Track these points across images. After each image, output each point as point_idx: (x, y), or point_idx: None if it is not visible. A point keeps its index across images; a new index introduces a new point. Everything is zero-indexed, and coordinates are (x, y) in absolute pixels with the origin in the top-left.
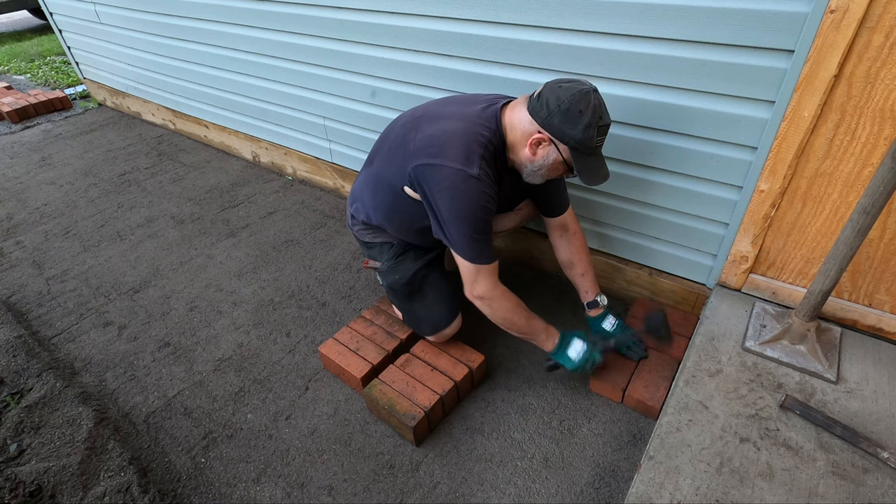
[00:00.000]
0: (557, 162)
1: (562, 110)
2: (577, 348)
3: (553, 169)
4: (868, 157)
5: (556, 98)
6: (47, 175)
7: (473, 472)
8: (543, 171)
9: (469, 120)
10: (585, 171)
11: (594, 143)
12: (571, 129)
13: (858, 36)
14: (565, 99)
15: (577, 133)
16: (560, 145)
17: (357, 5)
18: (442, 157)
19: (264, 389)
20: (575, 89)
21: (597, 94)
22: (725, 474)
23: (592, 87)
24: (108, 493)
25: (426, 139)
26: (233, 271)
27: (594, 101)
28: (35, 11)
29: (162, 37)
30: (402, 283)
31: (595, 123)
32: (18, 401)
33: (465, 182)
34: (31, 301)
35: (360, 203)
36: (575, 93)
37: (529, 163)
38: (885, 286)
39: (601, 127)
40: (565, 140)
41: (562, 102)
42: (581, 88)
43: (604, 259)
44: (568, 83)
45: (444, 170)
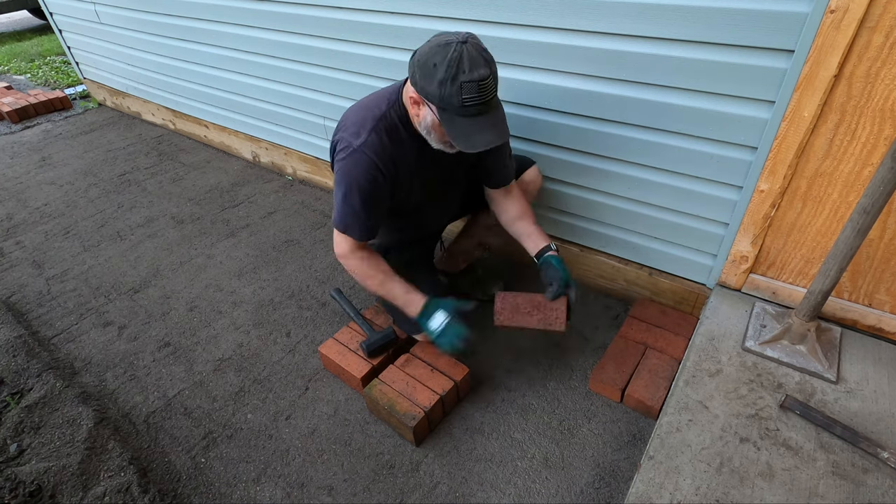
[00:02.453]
0: (436, 124)
1: (419, 64)
2: (438, 319)
3: (439, 132)
4: (868, 157)
5: (416, 52)
6: (47, 175)
7: (473, 472)
8: (434, 135)
9: (372, 97)
10: (456, 135)
11: (457, 102)
12: (428, 85)
13: (858, 36)
14: (424, 51)
15: (434, 89)
16: (431, 105)
17: (357, 5)
18: (340, 132)
19: (264, 389)
20: (435, 40)
21: (463, 46)
22: (725, 474)
23: (460, 38)
24: (108, 493)
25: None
26: (233, 271)
27: (454, 52)
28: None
29: (162, 37)
30: None
31: (451, 78)
32: (18, 401)
33: (350, 153)
34: (31, 301)
35: None
36: (434, 45)
37: (419, 126)
38: (885, 286)
39: (466, 83)
40: (429, 98)
41: (421, 55)
42: (443, 39)
43: (604, 259)
44: (439, 35)
45: (340, 142)
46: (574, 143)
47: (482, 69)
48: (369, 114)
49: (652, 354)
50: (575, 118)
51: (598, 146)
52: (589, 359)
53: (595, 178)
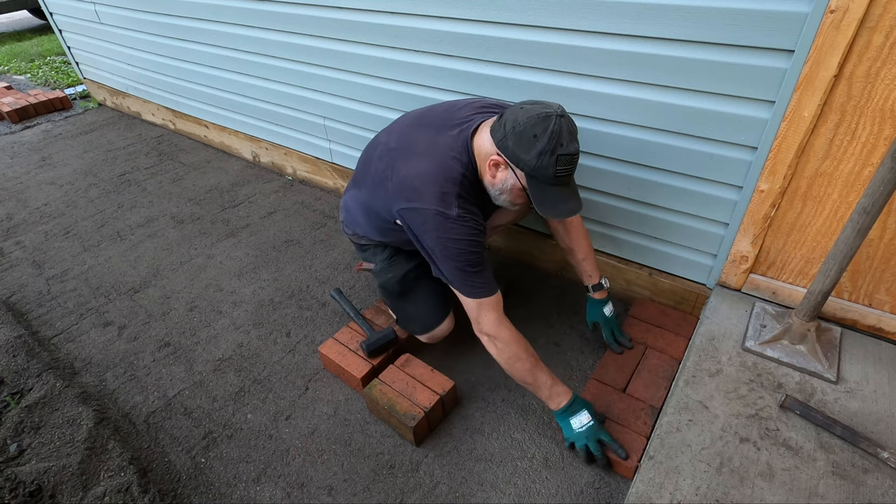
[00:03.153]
0: (516, 188)
1: (516, 132)
2: (582, 420)
3: (514, 195)
4: (868, 157)
5: (513, 119)
6: (47, 175)
7: (473, 472)
8: (506, 197)
9: (440, 155)
10: (542, 202)
11: (551, 173)
12: (525, 154)
13: (858, 36)
14: (522, 121)
15: (531, 159)
16: (517, 170)
17: (357, 5)
18: (419, 201)
19: (264, 389)
20: (534, 112)
21: (561, 120)
22: (725, 474)
23: (557, 112)
24: (108, 493)
25: (401, 182)
26: (233, 271)
27: (554, 126)
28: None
29: (162, 37)
30: (394, 283)
31: (551, 150)
32: (18, 401)
33: (446, 223)
34: (31, 301)
35: (353, 220)
36: (533, 115)
37: (491, 186)
38: (885, 286)
39: (562, 156)
40: (520, 165)
41: (517, 124)
42: (541, 111)
43: (604, 259)
44: (532, 104)
45: (424, 213)
46: None
47: (575, 143)
48: (445, 180)
49: (652, 354)
50: (575, 118)
51: (597, 146)
52: (589, 359)
53: (595, 178)
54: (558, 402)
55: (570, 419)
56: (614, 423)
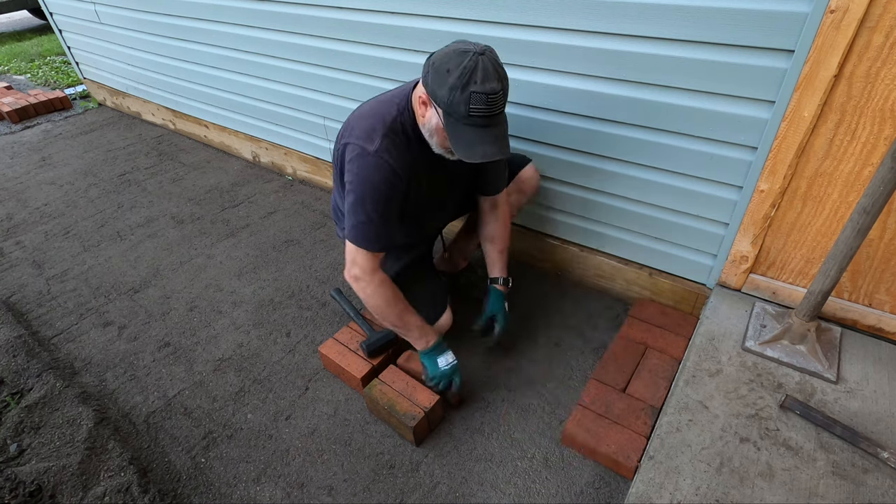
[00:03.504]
0: (439, 127)
1: (434, 67)
2: (447, 359)
3: (440, 136)
4: (868, 156)
5: (434, 56)
6: (47, 175)
7: (473, 472)
8: (435, 139)
9: (380, 101)
10: (456, 141)
11: (464, 110)
12: (439, 89)
13: (858, 36)
14: (441, 55)
15: (444, 94)
16: (438, 109)
17: (357, 5)
18: (350, 136)
19: (264, 389)
20: (454, 47)
21: (480, 57)
22: (725, 474)
23: (480, 49)
24: (108, 493)
25: (345, 124)
26: (233, 271)
27: (469, 62)
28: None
29: (162, 37)
30: None
31: (461, 86)
32: (18, 401)
33: (364, 157)
34: (31, 301)
35: (338, 212)
36: (451, 50)
37: (423, 128)
38: (885, 286)
39: (475, 93)
40: (437, 101)
41: (437, 59)
42: (462, 48)
43: (604, 259)
44: (458, 42)
45: (351, 147)
46: (574, 143)
47: (493, 83)
48: (379, 118)
49: (652, 354)
50: (575, 118)
51: (598, 146)
52: (589, 359)
53: (595, 178)
54: (427, 342)
55: (436, 357)
56: (614, 422)
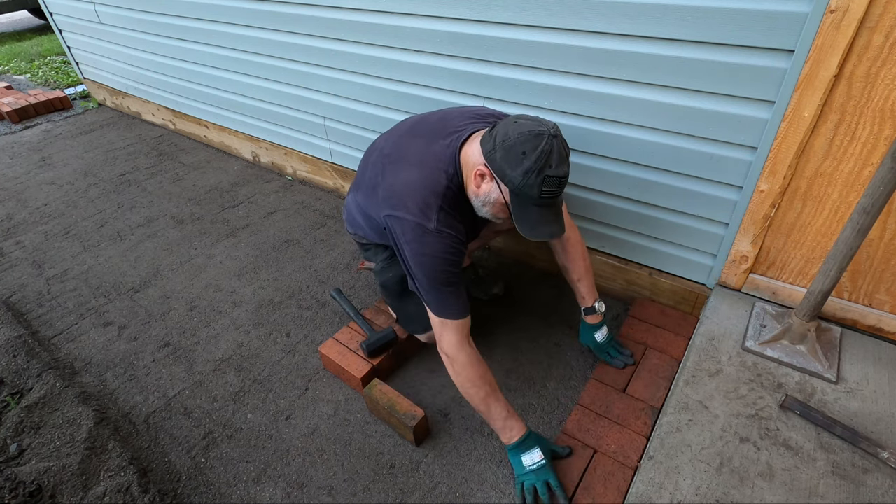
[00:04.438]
0: (499, 202)
1: (505, 147)
2: (533, 458)
3: (497, 208)
4: (868, 156)
5: (504, 132)
6: (47, 175)
7: (473, 472)
8: (489, 209)
9: (428, 166)
10: (522, 221)
11: (536, 193)
12: (511, 170)
13: (858, 36)
14: (513, 136)
15: (517, 176)
16: (501, 185)
17: (357, 5)
18: (401, 210)
19: (264, 389)
20: (527, 128)
21: (554, 140)
22: (725, 474)
23: (551, 131)
24: (108, 493)
25: (388, 189)
26: (233, 271)
27: (545, 145)
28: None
29: (162, 37)
30: (394, 282)
31: (537, 170)
32: (18, 401)
33: (425, 236)
34: (31, 301)
35: (354, 222)
36: (525, 132)
37: (475, 197)
38: (885, 286)
39: (549, 177)
40: (505, 181)
41: (508, 138)
42: (534, 128)
43: (604, 259)
44: (526, 120)
45: (405, 222)
46: (574, 144)
47: (565, 166)
48: (431, 192)
49: (652, 354)
50: (575, 118)
51: (597, 146)
52: (589, 359)
53: (595, 178)
54: (510, 437)
55: (521, 456)
56: (614, 423)
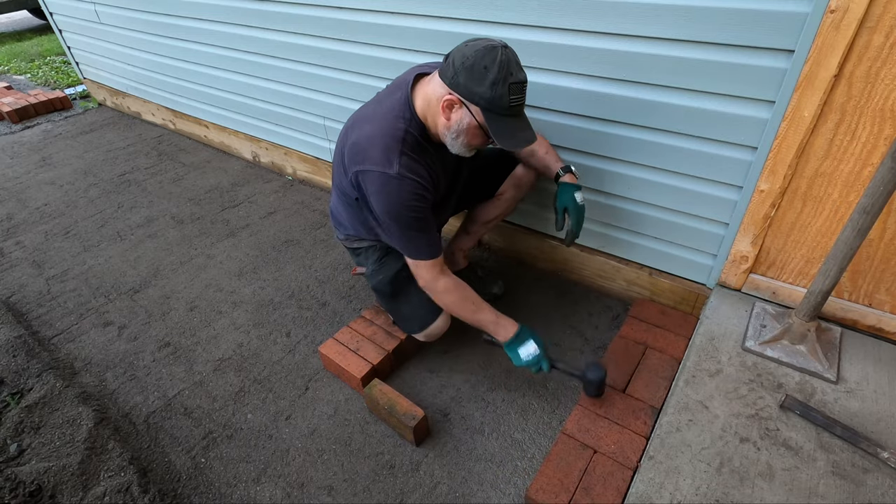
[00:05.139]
0: (473, 126)
1: (466, 67)
2: (529, 350)
3: (471, 135)
4: (868, 156)
5: (461, 55)
6: (47, 175)
7: (473, 472)
8: (463, 139)
9: (383, 116)
10: (501, 134)
11: (507, 102)
12: (478, 87)
13: (858, 36)
14: (469, 55)
15: (485, 90)
16: (471, 106)
17: (357, 5)
18: (365, 162)
19: (264, 389)
20: (480, 45)
21: (506, 50)
22: (725, 474)
23: (501, 43)
24: (108, 493)
25: (351, 147)
26: (233, 271)
27: (502, 56)
28: (35, 11)
29: (162, 37)
30: (385, 283)
31: (502, 79)
32: (18, 401)
33: (388, 183)
34: (31, 301)
35: (339, 220)
36: (479, 48)
37: (446, 130)
38: (885, 286)
39: (514, 84)
40: (475, 100)
41: (466, 59)
42: (486, 44)
43: (604, 259)
44: (475, 41)
45: (370, 174)
46: (574, 143)
47: (523, 72)
48: (389, 138)
49: (652, 354)
50: (575, 118)
51: (598, 146)
52: (589, 359)
53: (595, 178)
54: (505, 335)
55: (517, 349)
56: (614, 423)
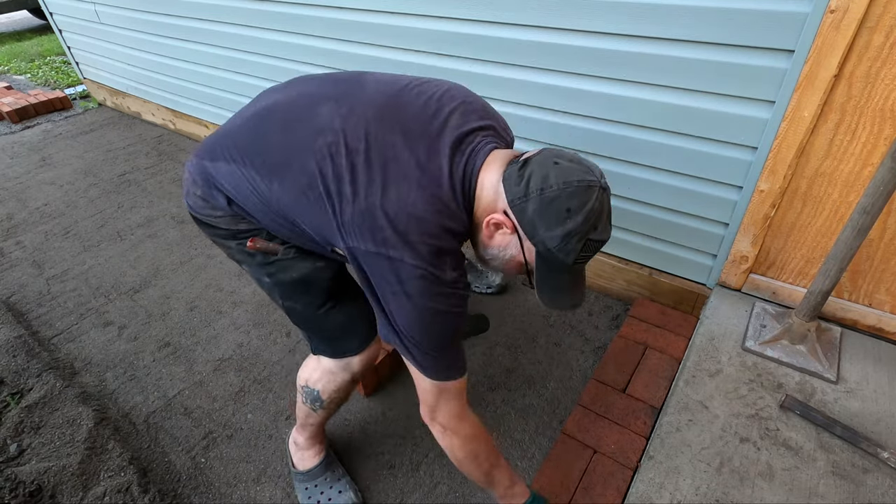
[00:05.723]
0: (516, 262)
1: (544, 198)
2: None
3: (509, 266)
4: (868, 156)
5: (542, 176)
6: (47, 175)
7: None
8: (498, 264)
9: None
10: (544, 287)
11: (571, 260)
12: (546, 230)
13: (858, 36)
14: (556, 185)
15: (552, 238)
16: (525, 241)
17: (357, 5)
18: (399, 250)
19: (264, 389)
20: (574, 176)
21: (603, 195)
22: (725, 474)
23: (602, 184)
24: (108, 493)
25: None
26: (233, 271)
27: (595, 203)
28: (35, 11)
29: (162, 37)
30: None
31: (581, 234)
32: (18, 401)
33: (437, 287)
34: (31, 301)
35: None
36: (573, 182)
37: (483, 248)
38: (885, 286)
39: (592, 242)
40: (534, 240)
41: (548, 187)
42: (583, 179)
43: (604, 259)
44: (570, 162)
45: (405, 268)
46: (573, 144)
47: (610, 229)
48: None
49: (652, 354)
50: (575, 118)
51: (597, 146)
52: (589, 359)
53: None
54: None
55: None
56: (614, 423)
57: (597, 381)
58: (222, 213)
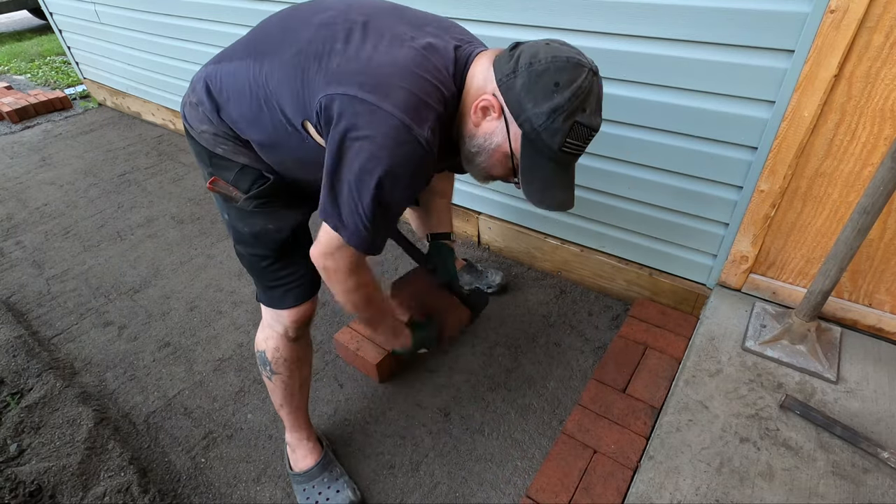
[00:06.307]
0: (501, 151)
1: (531, 71)
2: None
3: (494, 160)
4: (868, 156)
5: (531, 54)
6: (47, 175)
7: (473, 473)
8: (482, 159)
9: (436, 54)
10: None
11: (557, 143)
12: (533, 104)
13: (858, 36)
14: (543, 59)
15: (539, 113)
16: (512, 125)
17: None
18: (380, 95)
19: (264, 389)
20: (563, 53)
21: (594, 78)
22: (725, 474)
23: (592, 67)
24: (108, 493)
25: (363, 62)
26: (233, 271)
27: (584, 81)
28: (35, 11)
29: (162, 37)
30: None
31: (569, 111)
32: (18, 401)
33: (407, 142)
34: (31, 301)
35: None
36: (561, 57)
37: (469, 138)
38: (885, 286)
39: (579, 125)
40: (520, 118)
41: (536, 61)
42: (573, 57)
43: (604, 259)
44: (563, 45)
45: (380, 115)
46: None
47: (600, 118)
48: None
49: (652, 354)
50: None
51: (597, 146)
52: (589, 359)
53: (595, 178)
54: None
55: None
56: (614, 423)
57: (597, 381)
58: (206, 128)
